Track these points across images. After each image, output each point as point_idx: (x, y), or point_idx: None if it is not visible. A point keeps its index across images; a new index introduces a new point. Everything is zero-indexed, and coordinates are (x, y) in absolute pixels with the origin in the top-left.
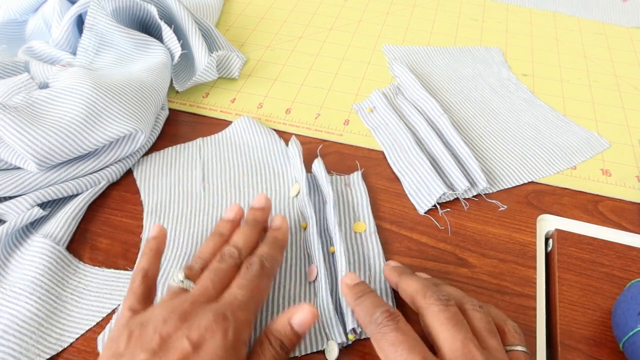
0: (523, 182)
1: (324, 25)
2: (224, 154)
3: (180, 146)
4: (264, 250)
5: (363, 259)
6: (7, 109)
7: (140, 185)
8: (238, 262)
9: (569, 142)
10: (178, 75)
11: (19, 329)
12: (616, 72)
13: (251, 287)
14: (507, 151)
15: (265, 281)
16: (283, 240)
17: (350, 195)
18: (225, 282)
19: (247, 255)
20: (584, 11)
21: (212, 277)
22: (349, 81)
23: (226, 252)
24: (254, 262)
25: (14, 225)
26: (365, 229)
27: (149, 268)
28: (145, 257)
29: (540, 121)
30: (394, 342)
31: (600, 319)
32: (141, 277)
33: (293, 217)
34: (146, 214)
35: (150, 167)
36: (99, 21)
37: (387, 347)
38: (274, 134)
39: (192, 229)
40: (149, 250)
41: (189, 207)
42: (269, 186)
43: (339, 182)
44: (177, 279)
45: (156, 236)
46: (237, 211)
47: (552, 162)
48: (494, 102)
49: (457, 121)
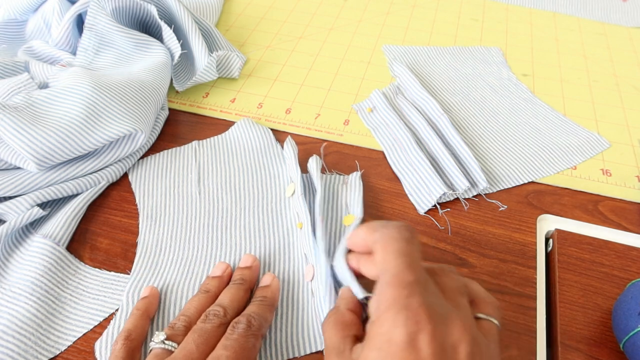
0: (523, 182)
1: (324, 25)
2: (220, 157)
3: (176, 149)
4: (251, 310)
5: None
6: (7, 109)
7: (136, 189)
8: (224, 321)
9: (569, 142)
10: (178, 75)
11: (18, 330)
12: (616, 72)
13: (236, 348)
14: (507, 151)
15: (252, 341)
16: (272, 299)
17: (345, 192)
18: (210, 343)
19: (234, 315)
20: (584, 11)
21: (196, 338)
22: (349, 81)
23: (211, 312)
24: (240, 322)
25: (14, 225)
26: (353, 220)
27: (133, 330)
28: (132, 317)
29: (540, 121)
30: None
31: (600, 319)
32: (123, 339)
33: (289, 217)
34: (142, 219)
35: (145, 170)
36: (99, 21)
37: (391, 252)
38: (271, 136)
39: (189, 233)
40: (137, 311)
41: (185, 211)
42: (264, 187)
43: (337, 181)
44: (158, 339)
45: (147, 296)
46: (225, 269)
47: (552, 162)
48: (494, 101)
49: (457, 121)
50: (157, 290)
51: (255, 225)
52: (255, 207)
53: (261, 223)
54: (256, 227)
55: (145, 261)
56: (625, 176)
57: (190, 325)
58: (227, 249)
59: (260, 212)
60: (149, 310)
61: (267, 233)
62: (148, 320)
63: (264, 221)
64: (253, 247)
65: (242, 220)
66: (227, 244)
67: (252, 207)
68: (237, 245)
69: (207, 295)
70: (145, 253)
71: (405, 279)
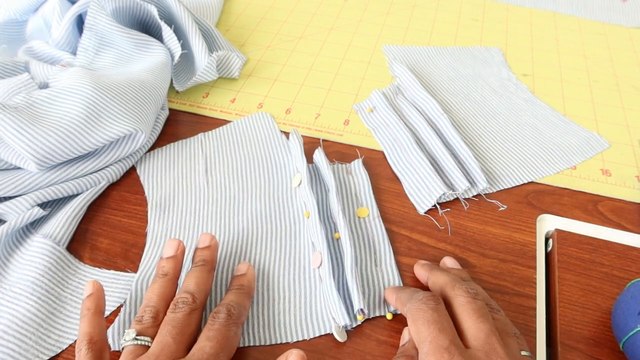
0: (523, 182)
1: (324, 25)
2: (226, 147)
3: (182, 142)
4: (230, 299)
5: (368, 243)
6: (7, 109)
7: (144, 181)
8: (194, 307)
9: (569, 142)
10: (178, 75)
11: (19, 330)
12: (616, 72)
13: (219, 338)
14: (507, 151)
15: (234, 329)
16: (249, 287)
17: (352, 182)
18: (185, 333)
19: (203, 299)
20: (584, 11)
21: (171, 330)
22: (349, 81)
23: (179, 300)
24: (220, 312)
25: (14, 225)
26: (368, 213)
27: (92, 331)
28: (84, 319)
29: (540, 121)
30: (430, 319)
31: (600, 319)
32: (86, 344)
33: (296, 206)
34: (150, 208)
35: (153, 163)
36: (99, 21)
37: (422, 323)
38: (275, 127)
39: (197, 221)
40: (87, 311)
41: (194, 200)
42: (271, 177)
43: (341, 170)
44: (129, 337)
45: (91, 294)
46: (177, 246)
47: (552, 162)
48: (494, 102)
49: (457, 121)
50: (100, 284)
51: (262, 213)
52: (262, 195)
53: (268, 211)
54: (263, 215)
55: (154, 250)
56: (625, 176)
57: (157, 315)
58: (234, 236)
59: (267, 200)
60: (99, 307)
61: (274, 220)
62: (102, 317)
63: (271, 209)
64: (260, 233)
65: (250, 208)
66: (234, 231)
67: (259, 195)
68: (244, 232)
69: (167, 279)
70: (154, 242)
71: (442, 344)
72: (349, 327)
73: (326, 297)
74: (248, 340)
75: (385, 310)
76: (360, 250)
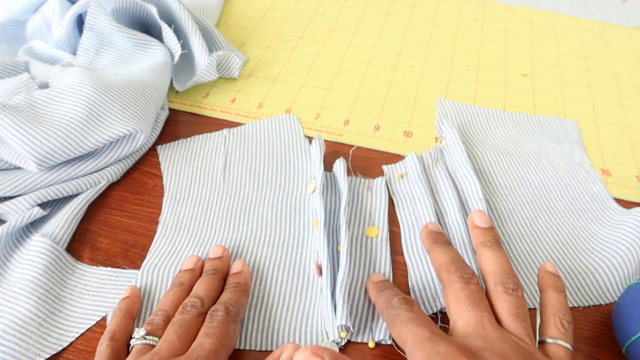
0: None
1: (324, 25)
2: (248, 146)
3: (207, 135)
4: (227, 297)
5: (369, 263)
6: (7, 109)
7: (164, 170)
8: (202, 311)
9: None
10: (178, 75)
11: (19, 329)
12: (616, 72)
13: (218, 335)
14: (541, 262)
15: (232, 326)
16: (245, 285)
17: (370, 199)
18: (191, 333)
19: (210, 304)
20: (584, 11)
21: (177, 329)
22: (349, 81)
23: (188, 303)
24: (218, 310)
25: (14, 225)
26: (377, 234)
27: (117, 330)
28: (115, 318)
29: (603, 227)
30: (406, 319)
31: (600, 319)
32: (108, 340)
33: (307, 213)
34: (166, 199)
35: (175, 153)
36: (99, 21)
37: (400, 324)
38: (300, 130)
39: (208, 216)
40: (119, 311)
41: (208, 195)
42: (287, 180)
43: (362, 185)
44: (138, 335)
45: (128, 296)
46: (196, 262)
47: (578, 292)
48: (553, 192)
49: (499, 212)
50: (139, 290)
51: (273, 216)
52: (276, 198)
53: (280, 214)
54: (274, 218)
55: (163, 240)
56: (625, 176)
57: (168, 319)
58: (242, 235)
59: (280, 203)
60: (131, 310)
61: (283, 225)
62: (132, 320)
63: (282, 213)
64: (268, 236)
65: (262, 209)
66: (243, 230)
67: (273, 197)
68: (253, 232)
69: (182, 288)
70: (164, 232)
71: (423, 336)
72: (340, 344)
73: (323, 309)
74: (241, 344)
75: (369, 338)
76: (359, 270)
